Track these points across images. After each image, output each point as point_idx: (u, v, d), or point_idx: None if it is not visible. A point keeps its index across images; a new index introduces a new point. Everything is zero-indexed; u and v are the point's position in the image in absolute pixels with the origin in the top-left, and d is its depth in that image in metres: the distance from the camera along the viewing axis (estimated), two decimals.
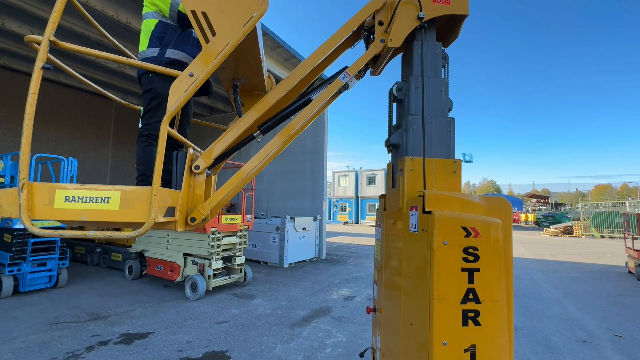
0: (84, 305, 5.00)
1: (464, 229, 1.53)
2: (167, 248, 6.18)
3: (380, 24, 2.06)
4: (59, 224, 5.15)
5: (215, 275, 5.79)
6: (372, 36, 2.19)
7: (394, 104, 2.16)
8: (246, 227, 6.43)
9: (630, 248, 8.57)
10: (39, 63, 1.43)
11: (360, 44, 2.36)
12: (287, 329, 4.28)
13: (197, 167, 1.85)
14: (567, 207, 40.73)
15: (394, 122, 2.18)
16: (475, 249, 1.52)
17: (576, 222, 22.41)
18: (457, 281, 1.50)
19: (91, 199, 1.47)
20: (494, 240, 1.55)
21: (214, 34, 1.64)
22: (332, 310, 5.14)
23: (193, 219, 1.81)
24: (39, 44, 1.49)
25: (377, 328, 2.24)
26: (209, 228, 5.54)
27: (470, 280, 1.50)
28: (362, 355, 2.47)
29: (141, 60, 2.17)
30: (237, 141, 2.03)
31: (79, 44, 1.77)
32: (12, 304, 4.98)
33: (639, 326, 4.78)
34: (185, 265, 5.88)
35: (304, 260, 9.37)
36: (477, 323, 1.49)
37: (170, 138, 2.18)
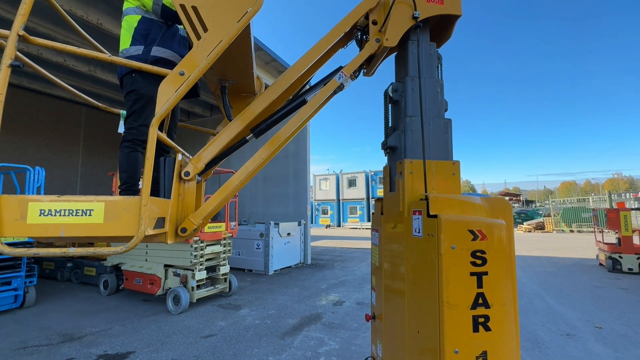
0: (55, 326, 4.63)
1: (471, 232, 1.49)
2: (146, 260, 5.86)
3: (375, 23, 2.01)
4: (26, 239, 4.77)
5: (199, 287, 5.54)
6: (365, 36, 2.15)
7: (390, 106, 2.12)
8: (230, 234, 6.22)
9: (600, 242, 9.03)
10: (7, 60, 1.27)
11: (351, 44, 2.31)
12: (277, 340, 4.13)
13: (187, 174, 1.72)
14: (537, 204, 42.70)
15: (390, 124, 2.14)
16: (483, 252, 1.48)
17: (547, 218, 23.52)
18: (466, 286, 1.45)
19: (70, 211, 1.31)
20: (500, 242, 1.53)
21: (205, 30, 1.53)
22: (322, 316, 5.04)
23: (184, 230, 1.68)
24: (5, 39, 1.32)
25: (378, 336, 2.17)
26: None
27: (479, 284, 1.46)
28: None
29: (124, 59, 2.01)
30: (228, 145, 1.92)
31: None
32: None
33: (615, 317, 5.00)
34: (166, 278, 5.59)
35: (290, 266, 9.21)
36: (487, 328, 1.45)
37: (156, 143, 2.04)
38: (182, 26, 2.26)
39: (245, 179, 2.03)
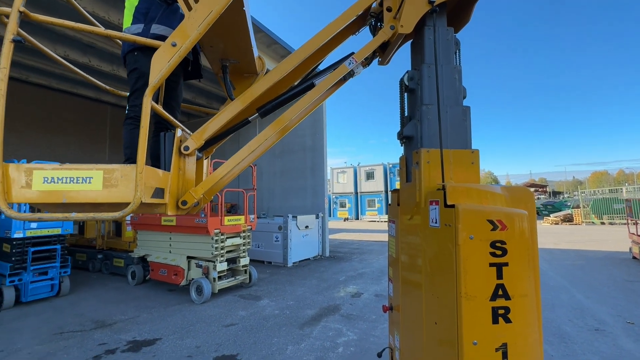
0: (88, 313, 4.91)
1: (490, 222, 1.45)
2: (170, 252, 6.09)
3: (389, 10, 1.97)
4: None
5: (220, 278, 5.70)
6: (379, 23, 2.10)
7: (405, 94, 2.08)
8: (249, 227, 6.34)
9: (634, 234, 8.56)
10: (9, 35, 1.34)
11: (365, 32, 2.27)
12: (296, 329, 4.21)
13: (187, 148, 1.77)
14: (566, 195, 40.87)
15: (406, 113, 2.09)
16: (503, 242, 1.44)
17: (576, 209, 22.48)
18: (485, 277, 1.42)
19: (72, 179, 1.38)
20: (521, 232, 1.48)
21: (196, 0, 1.55)
22: (341, 308, 5.08)
23: (184, 202, 1.73)
24: (7, 16, 1.39)
25: (395, 327, 2.16)
26: (212, 230, 5.45)
27: (499, 275, 1.42)
28: (380, 355, 2.40)
29: None
30: (229, 124, 1.94)
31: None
32: (14, 314, 4.88)
33: None
34: (189, 269, 5.79)
35: (308, 259, 9.31)
36: (507, 320, 1.41)
37: (158, 121, 2.09)
38: None
39: (249, 158, 2.05)
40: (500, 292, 1.42)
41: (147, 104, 1.50)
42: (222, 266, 5.61)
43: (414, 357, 1.83)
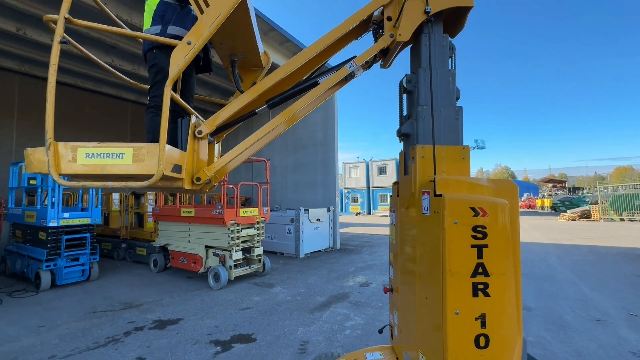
0: (116, 296, 5.35)
1: (473, 209, 1.66)
2: (189, 241, 6.48)
3: (389, 19, 2.17)
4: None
5: (235, 266, 6.05)
6: (381, 30, 2.30)
7: (404, 96, 2.28)
8: (263, 219, 6.66)
9: None
10: (57, 38, 1.65)
11: (368, 36, 2.48)
12: (307, 314, 4.50)
13: (200, 132, 2.05)
14: (585, 191, 39.71)
15: (404, 113, 2.30)
16: (484, 227, 1.65)
17: (594, 205, 21.94)
18: (467, 257, 1.64)
19: (108, 154, 1.67)
20: (501, 219, 1.68)
21: (207, 5, 1.84)
22: (349, 296, 5.34)
23: (198, 179, 2.01)
24: (55, 23, 1.68)
25: (394, 306, 2.40)
26: (228, 221, 5.79)
27: (480, 255, 1.64)
28: (381, 331, 2.65)
29: None
30: (240, 113, 2.20)
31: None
32: (51, 296, 5.37)
33: None
34: (207, 257, 6.16)
35: (319, 251, 9.60)
36: (486, 294, 1.63)
37: (174, 109, 2.38)
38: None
39: (257, 144, 2.30)
40: (480, 270, 1.64)
41: (167, 93, 1.79)
42: (238, 255, 5.95)
43: (410, 331, 2.07)
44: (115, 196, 8.90)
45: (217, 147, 2.52)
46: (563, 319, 4.31)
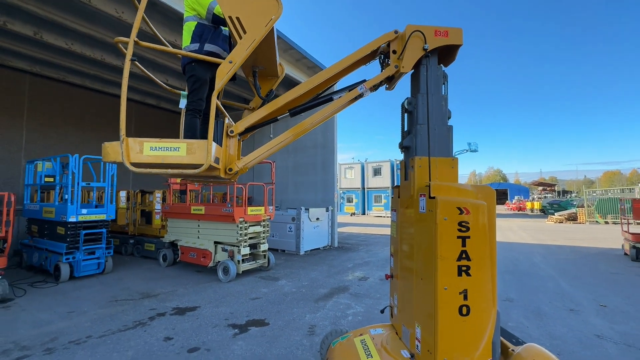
0: (132, 287, 5.74)
1: (459, 208, 2.14)
2: (199, 237, 6.89)
3: (394, 52, 2.64)
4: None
5: (243, 261, 6.48)
6: (387, 60, 2.77)
7: (405, 115, 2.76)
8: (268, 217, 7.09)
9: (625, 231, 9.08)
10: (129, 57, 2.12)
11: (374, 62, 2.94)
12: (312, 303, 4.96)
13: (232, 132, 2.51)
14: (573, 195, 40.83)
15: (405, 129, 2.77)
16: (467, 222, 2.13)
17: (580, 208, 22.78)
18: (454, 245, 2.11)
19: (167, 148, 2.13)
20: (480, 216, 2.16)
21: (245, 32, 2.29)
22: (350, 288, 5.81)
23: (230, 169, 2.47)
24: (124, 44, 2.16)
25: (394, 290, 2.87)
26: (237, 218, 6.22)
27: (463, 244, 2.12)
28: (382, 311, 3.12)
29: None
30: (263, 119, 2.65)
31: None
32: (71, 286, 5.74)
33: (622, 298, 5.38)
34: (216, 252, 6.58)
35: (318, 248, 10.06)
36: (468, 274, 2.11)
37: (206, 112, 2.84)
38: (225, 27, 3.04)
39: (274, 148, 2.75)
40: (463, 256, 2.11)
41: (214, 101, 2.24)
42: (245, 250, 6.38)
43: (407, 309, 2.54)
44: (122, 194, 9.24)
45: (240, 145, 2.97)
46: (541, 308, 4.84)
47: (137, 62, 2.56)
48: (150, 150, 2.10)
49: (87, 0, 6.15)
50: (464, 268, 2.11)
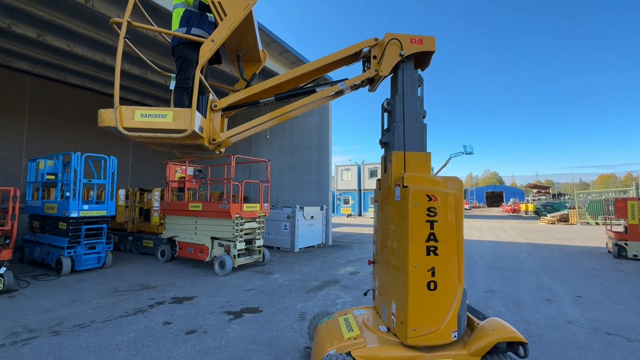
0: (132, 279, 5.97)
1: (427, 196, 2.41)
2: (196, 233, 7.13)
3: (375, 57, 2.92)
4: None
5: (239, 255, 6.73)
6: (368, 63, 3.06)
7: (385, 114, 3.04)
8: (264, 214, 7.35)
9: (609, 230, 9.42)
10: (122, 35, 2.40)
11: (358, 65, 3.23)
12: (304, 294, 5.21)
13: (215, 106, 2.78)
14: (567, 197, 41.36)
15: (385, 127, 3.06)
16: (435, 208, 2.41)
17: (572, 210, 23.19)
18: (423, 228, 2.39)
19: (156, 115, 2.39)
20: (447, 203, 2.44)
21: (225, 15, 2.59)
22: (340, 281, 6.07)
23: (214, 139, 2.73)
24: (118, 24, 2.44)
25: (376, 274, 3.14)
26: (233, 214, 6.47)
27: (432, 227, 2.39)
28: (365, 294, 3.38)
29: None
30: (247, 100, 2.92)
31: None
32: (73, 279, 5.96)
33: (598, 290, 5.67)
34: (212, 247, 6.83)
35: (313, 246, 10.32)
36: (436, 254, 2.39)
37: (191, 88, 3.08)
38: (210, 14, 3.32)
39: (258, 128, 2.99)
40: (432, 237, 2.39)
41: (197, 75, 2.52)
42: (241, 245, 6.63)
43: (385, 287, 2.80)
44: (122, 192, 9.47)
45: (225, 121, 3.23)
46: (520, 299, 5.13)
47: (128, 41, 2.83)
48: (141, 116, 2.36)
49: (91, 5, 6.42)
50: (432, 248, 2.39)
